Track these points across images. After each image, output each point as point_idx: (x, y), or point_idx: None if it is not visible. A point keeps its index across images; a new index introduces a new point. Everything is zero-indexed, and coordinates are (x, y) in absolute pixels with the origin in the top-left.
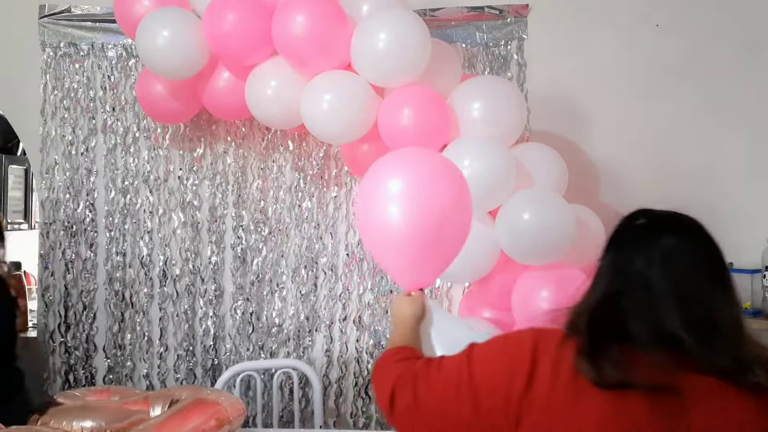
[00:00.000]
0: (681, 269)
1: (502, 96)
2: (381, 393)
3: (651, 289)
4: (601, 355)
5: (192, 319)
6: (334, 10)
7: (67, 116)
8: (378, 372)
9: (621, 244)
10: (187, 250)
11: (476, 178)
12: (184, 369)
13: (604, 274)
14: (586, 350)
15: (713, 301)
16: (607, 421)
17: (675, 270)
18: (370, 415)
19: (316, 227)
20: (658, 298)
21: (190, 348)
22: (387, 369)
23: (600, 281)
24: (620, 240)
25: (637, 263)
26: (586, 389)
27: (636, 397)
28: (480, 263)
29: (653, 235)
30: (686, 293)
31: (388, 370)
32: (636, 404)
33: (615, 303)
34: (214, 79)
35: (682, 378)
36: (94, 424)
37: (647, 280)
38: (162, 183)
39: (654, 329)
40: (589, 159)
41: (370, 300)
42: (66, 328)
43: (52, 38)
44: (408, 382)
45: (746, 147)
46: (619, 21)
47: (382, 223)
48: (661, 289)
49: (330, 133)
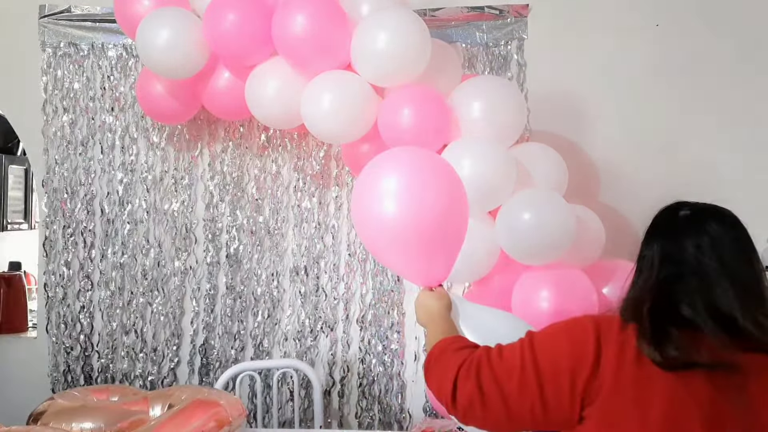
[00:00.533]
0: (729, 254)
1: (502, 96)
2: (441, 385)
3: (704, 273)
4: (663, 338)
5: (192, 319)
6: (334, 10)
7: (67, 116)
8: (435, 364)
9: (668, 233)
10: (184, 251)
11: (476, 178)
12: (181, 369)
13: (655, 262)
14: (648, 334)
15: (760, 283)
16: (672, 401)
17: (725, 255)
18: (374, 415)
19: (317, 227)
20: (712, 281)
21: (187, 348)
22: (446, 360)
23: (652, 269)
24: (667, 229)
25: (689, 250)
26: (650, 371)
27: (698, 377)
28: (480, 263)
29: (700, 224)
30: (737, 276)
31: (447, 361)
32: (699, 383)
33: (671, 288)
34: (214, 79)
35: (739, 356)
36: (93, 425)
37: (699, 265)
38: (160, 183)
39: (711, 310)
40: (589, 159)
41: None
42: (64, 327)
43: (52, 38)
44: (471, 371)
45: (746, 147)
46: (619, 21)
47: (381, 224)
48: (714, 273)
49: (330, 133)
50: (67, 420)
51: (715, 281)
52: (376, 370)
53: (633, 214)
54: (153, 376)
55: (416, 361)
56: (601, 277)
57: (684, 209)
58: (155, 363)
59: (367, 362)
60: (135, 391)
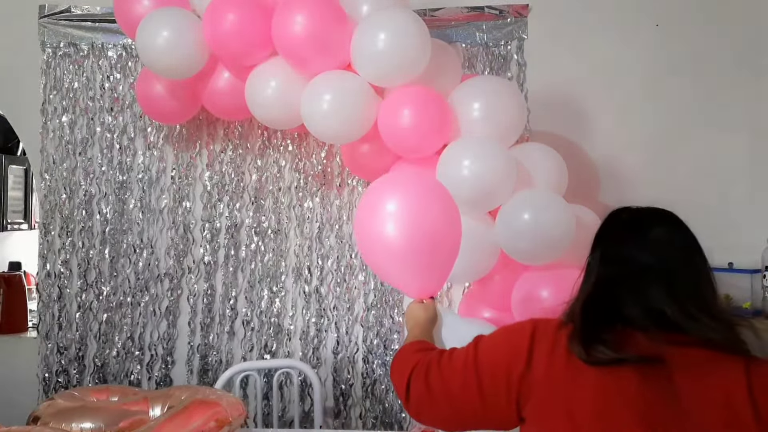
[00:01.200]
0: (669, 254)
1: (502, 96)
2: (398, 383)
3: (641, 272)
4: (592, 337)
5: (190, 319)
6: (334, 10)
7: (67, 116)
8: (396, 364)
9: (610, 237)
10: (182, 249)
11: (476, 178)
12: (179, 370)
13: (595, 265)
14: (577, 333)
15: (702, 281)
16: (600, 395)
17: (664, 255)
18: (377, 415)
19: (320, 227)
20: (649, 281)
21: (185, 349)
22: (404, 360)
23: (591, 272)
24: (609, 234)
25: (627, 251)
26: (580, 368)
27: (627, 371)
28: (480, 263)
29: (639, 226)
30: (675, 274)
31: (405, 362)
32: (626, 378)
33: (607, 289)
34: (214, 79)
35: (669, 350)
36: (93, 426)
37: (638, 265)
38: (159, 182)
39: (643, 307)
40: (589, 159)
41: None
42: (59, 327)
43: (52, 38)
44: (422, 371)
45: (746, 147)
46: (618, 21)
47: (381, 244)
48: (650, 272)
49: (330, 133)
50: (67, 420)
51: (652, 280)
52: (378, 371)
53: None
54: (153, 376)
55: None
56: None
57: (624, 213)
58: (154, 363)
59: (369, 362)
60: (135, 391)
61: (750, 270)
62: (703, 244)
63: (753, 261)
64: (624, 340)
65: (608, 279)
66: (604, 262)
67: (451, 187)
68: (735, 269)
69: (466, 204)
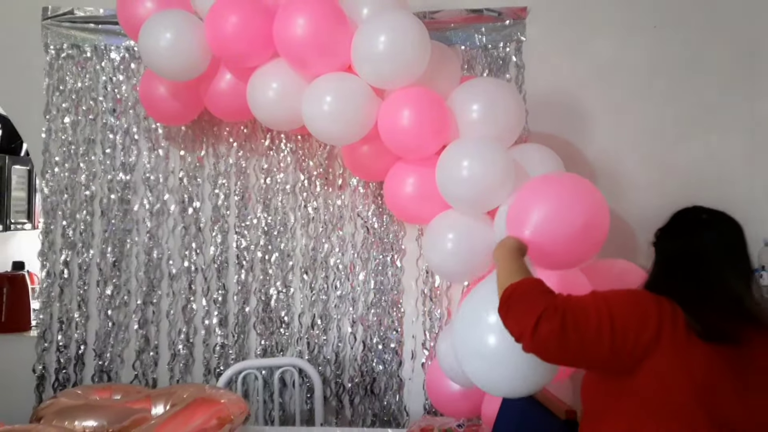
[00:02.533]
0: (735, 253)
1: (501, 97)
2: (523, 320)
3: (719, 265)
4: (704, 318)
5: (191, 318)
6: (334, 13)
7: (69, 117)
8: (519, 301)
9: (689, 231)
10: (187, 249)
11: (475, 178)
12: (179, 368)
13: (688, 257)
14: (693, 314)
15: (752, 276)
16: (709, 362)
17: (732, 253)
18: (376, 413)
19: (324, 227)
20: (727, 273)
21: (188, 347)
22: (532, 299)
23: (689, 258)
24: (688, 228)
25: (709, 246)
26: (695, 342)
27: (726, 348)
28: (479, 263)
29: (714, 224)
30: (742, 269)
31: (533, 301)
32: (726, 352)
33: (698, 275)
34: (216, 81)
35: (749, 333)
36: (96, 424)
37: (715, 258)
38: (163, 184)
39: (728, 295)
40: (587, 160)
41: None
42: (59, 326)
43: (55, 40)
44: (557, 313)
45: (745, 147)
46: (616, 23)
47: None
48: (728, 267)
49: (331, 134)
50: (69, 418)
51: (729, 273)
52: (377, 369)
53: (631, 215)
54: (155, 375)
55: (413, 360)
56: (599, 278)
57: (704, 214)
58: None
59: (368, 360)
60: (137, 390)
61: None
62: None
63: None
64: (723, 321)
65: (694, 266)
66: (692, 256)
67: (450, 187)
68: None
69: (465, 204)
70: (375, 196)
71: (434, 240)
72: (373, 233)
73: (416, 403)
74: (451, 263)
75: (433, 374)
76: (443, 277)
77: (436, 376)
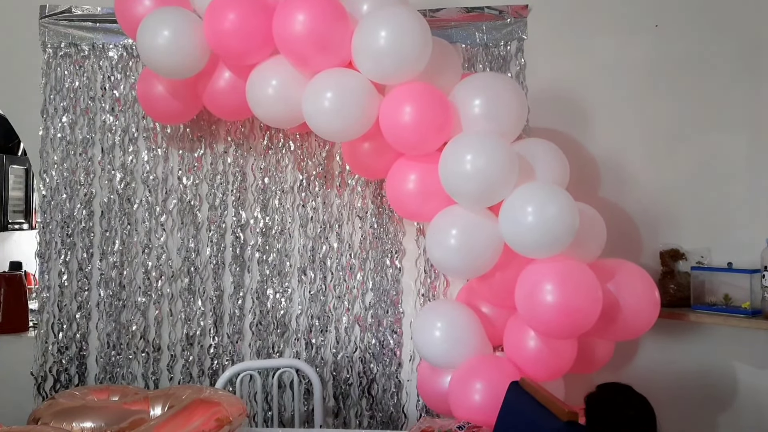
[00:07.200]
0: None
1: (503, 92)
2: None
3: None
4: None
5: (190, 318)
6: (334, 8)
7: (67, 116)
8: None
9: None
10: (186, 249)
11: (478, 173)
12: (178, 369)
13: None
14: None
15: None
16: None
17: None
18: (373, 414)
19: (322, 227)
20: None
21: (186, 348)
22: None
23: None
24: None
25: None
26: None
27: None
28: (482, 259)
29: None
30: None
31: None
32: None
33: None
34: (215, 79)
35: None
36: (94, 425)
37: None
38: (161, 183)
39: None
40: (587, 159)
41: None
42: (59, 327)
43: (52, 38)
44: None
45: (746, 147)
46: (618, 21)
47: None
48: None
49: (331, 131)
50: (67, 419)
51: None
52: (375, 370)
53: (633, 212)
54: (154, 376)
55: (411, 362)
56: (603, 275)
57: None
58: (155, 363)
59: (367, 362)
60: (136, 391)
61: (749, 270)
62: (703, 244)
63: (752, 261)
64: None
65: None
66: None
67: (453, 181)
68: (734, 269)
69: (468, 198)
70: (374, 196)
71: (437, 236)
72: (372, 233)
73: (414, 406)
74: (453, 259)
75: (422, 372)
76: (446, 273)
77: (426, 374)
